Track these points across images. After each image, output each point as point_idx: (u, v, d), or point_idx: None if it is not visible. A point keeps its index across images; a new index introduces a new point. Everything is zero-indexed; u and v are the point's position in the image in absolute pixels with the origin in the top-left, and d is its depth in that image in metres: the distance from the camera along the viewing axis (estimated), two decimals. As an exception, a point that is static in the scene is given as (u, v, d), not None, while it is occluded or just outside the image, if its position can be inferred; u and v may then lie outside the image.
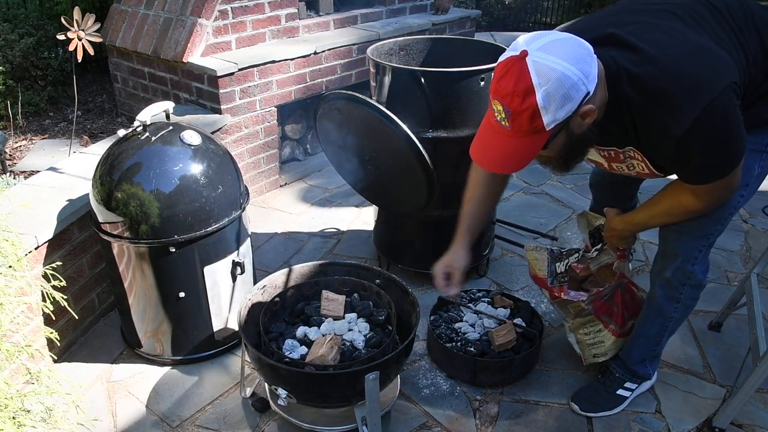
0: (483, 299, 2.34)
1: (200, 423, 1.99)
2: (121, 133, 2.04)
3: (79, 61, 2.66)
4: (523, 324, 2.24)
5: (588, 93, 1.28)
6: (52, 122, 3.71)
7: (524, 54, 1.25)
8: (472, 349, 2.14)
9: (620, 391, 2.04)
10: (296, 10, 3.50)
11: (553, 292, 2.09)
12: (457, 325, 2.27)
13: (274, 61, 3.23)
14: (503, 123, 1.31)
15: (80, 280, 2.29)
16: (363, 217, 3.24)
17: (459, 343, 2.18)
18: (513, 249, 2.92)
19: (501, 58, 1.31)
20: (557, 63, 1.24)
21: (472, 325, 2.27)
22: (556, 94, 1.24)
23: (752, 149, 1.55)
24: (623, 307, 2.00)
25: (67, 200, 2.22)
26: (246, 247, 2.23)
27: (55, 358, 2.14)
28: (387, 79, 2.31)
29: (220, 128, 3.09)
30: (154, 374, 2.19)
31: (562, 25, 1.50)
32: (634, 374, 2.03)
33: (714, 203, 1.55)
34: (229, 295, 2.19)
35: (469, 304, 2.35)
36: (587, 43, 1.31)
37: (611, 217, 1.90)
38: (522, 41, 1.30)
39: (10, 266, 1.62)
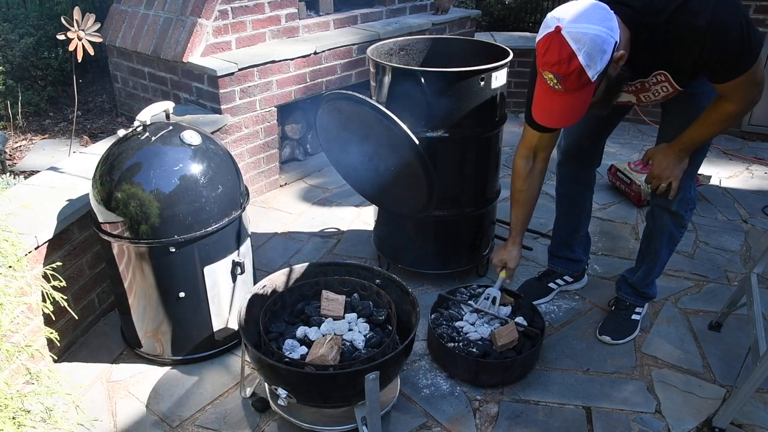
0: (484, 298, 2.34)
1: (200, 423, 1.99)
2: (121, 133, 2.04)
3: (79, 61, 2.66)
4: (525, 323, 2.24)
5: (616, 42, 1.54)
6: (52, 122, 3.71)
7: (558, 28, 1.51)
8: (474, 349, 2.13)
9: (634, 316, 2.40)
10: (296, 10, 3.50)
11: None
12: (458, 324, 2.27)
13: (274, 61, 3.23)
14: (556, 87, 1.59)
15: (80, 280, 2.29)
16: (363, 217, 3.24)
17: (461, 344, 2.17)
18: (513, 249, 2.92)
19: (538, 37, 1.57)
20: (587, 27, 1.50)
21: (473, 324, 2.27)
22: (594, 52, 1.51)
23: None
24: None
25: (67, 200, 2.22)
26: (246, 247, 2.23)
27: (55, 358, 2.14)
28: (387, 79, 2.31)
29: (220, 128, 3.09)
30: (154, 374, 2.19)
31: None
32: (645, 296, 2.40)
33: (748, 102, 1.77)
34: (229, 295, 2.19)
35: (470, 302, 2.34)
36: (602, 3, 1.58)
37: (656, 152, 2.05)
38: (552, 18, 1.54)
39: (10, 266, 1.62)
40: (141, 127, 2.01)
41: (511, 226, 2.27)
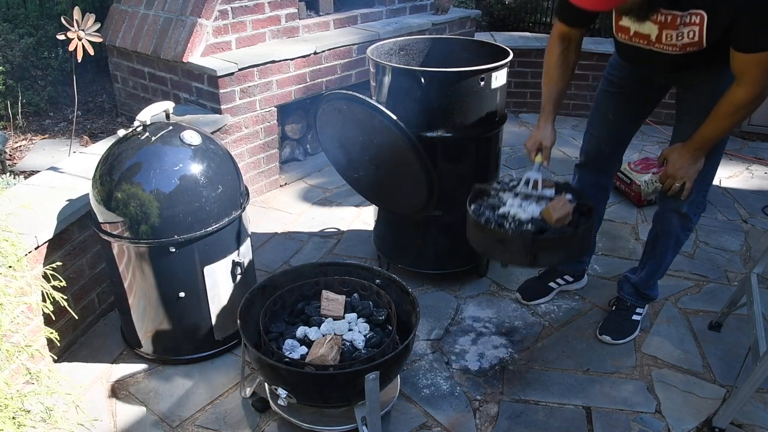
0: (524, 183, 2.12)
1: (200, 423, 1.99)
2: (121, 133, 2.04)
3: (79, 61, 2.66)
4: (575, 199, 2.05)
5: None
6: (52, 122, 3.71)
7: None
8: (529, 226, 1.92)
9: (634, 317, 2.40)
10: (296, 10, 3.50)
11: None
12: (502, 210, 2.04)
13: (274, 61, 3.23)
14: None
15: (80, 280, 2.29)
16: (363, 217, 3.24)
17: (512, 225, 1.95)
18: (513, 249, 2.92)
19: None
20: None
21: (520, 206, 2.04)
22: None
23: None
24: None
25: (67, 200, 2.22)
26: (246, 247, 2.23)
27: (55, 358, 2.14)
28: (387, 79, 2.31)
29: (220, 128, 3.09)
30: (154, 374, 2.19)
31: None
32: (646, 298, 2.40)
33: (758, 89, 1.73)
34: (229, 295, 2.19)
35: (511, 190, 2.13)
36: None
37: (671, 152, 2.00)
38: None
39: (10, 266, 1.62)
40: (141, 127, 2.01)
41: (543, 105, 2.15)
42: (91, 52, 2.64)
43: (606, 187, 2.46)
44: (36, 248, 2.02)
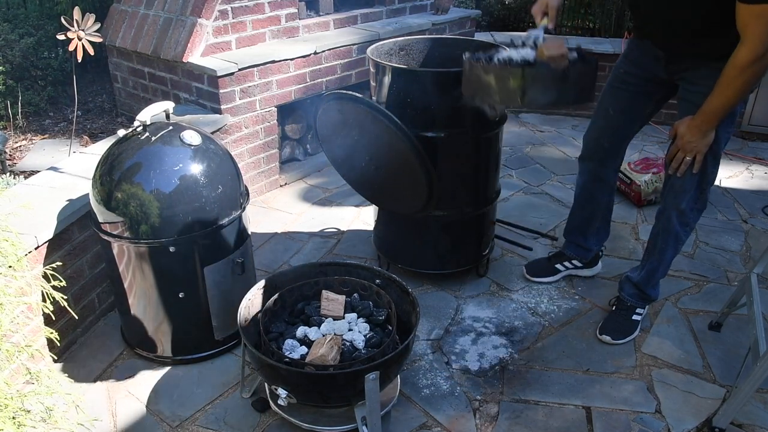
0: (525, 39, 2.00)
1: (200, 423, 1.99)
2: (121, 133, 2.04)
3: (79, 61, 2.66)
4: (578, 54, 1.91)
5: None
6: (52, 122, 3.71)
7: None
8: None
9: (634, 317, 2.40)
10: (296, 10, 3.50)
11: None
12: (496, 56, 1.94)
13: (274, 61, 3.23)
14: None
15: (80, 280, 2.29)
16: (363, 217, 3.24)
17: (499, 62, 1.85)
18: (513, 249, 2.92)
19: None
20: None
21: (516, 51, 1.95)
22: None
23: None
24: None
25: (67, 200, 2.22)
26: (246, 247, 2.23)
27: (55, 358, 2.14)
28: (387, 79, 2.31)
29: (220, 128, 3.09)
30: (154, 374, 2.19)
31: None
32: (646, 298, 2.40)
33: (761, 50, 1.68)
34: (229, 295, 2.19)
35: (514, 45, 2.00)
36: None
37: (680, 125, 1.98)
38: None
39: (10, 266, 1.62)
40: (141, 127, 2.01)
41: None
42: (91, 52, 2.64)
43: (605, 180, 2.47)
44: (36, 248, 2.02)
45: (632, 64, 2.20)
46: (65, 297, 1.76)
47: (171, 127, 2.03)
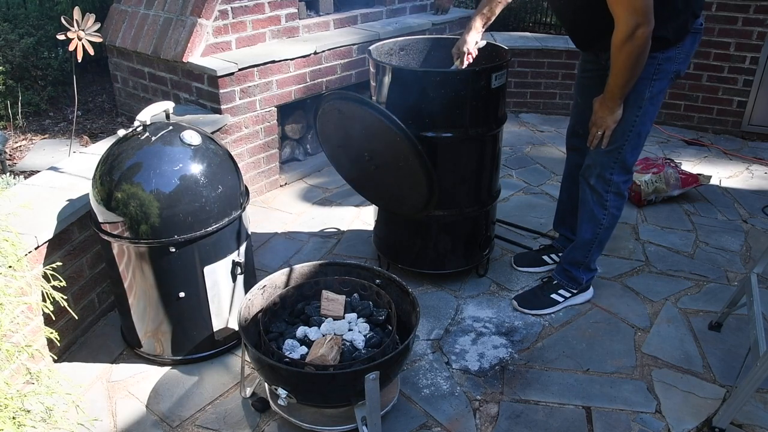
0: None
1: (200, 423, 1.99)
2: (121, 133, 2.04)
3: (79, 61, 2.66)
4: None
5: None
6: (52, 122, 3.71)
7: None
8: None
9: (554, 296, 2.49)
10: (296, 10, 3.50)
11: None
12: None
13: (274, 61, 3.23)
14: None
15: (80, 280, 2.29)
16: (363, 217, 3.24)
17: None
18: (513, 249, 2.92)
19: None
20: None
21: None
22: None
23: (642, 77, 2.01)
24: None
25: (67, 200, 2.22)
26: (246, 247, 2.23)
27: (55, 358, 2.14)
28: (387, 79, 2.31)
29: (220, 128, 3.09)
30: (154, 374, 2.19)
31: None
32: (570, 277, 2.46)
33: (628, 30, 1.85)
34: (229, 295, 2.19)
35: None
36: None
37: (594, 102, 2.16)
38: None
39: (10, 266, 1.62)
40: (141, 127, 2.01)
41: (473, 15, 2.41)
42: (91, 52, 2.64)
43: None
44: (36, 248, 2.02)
45: (588, 54, 2.36)
46: (65, 297, 1.76)
47: (171, 127, 2.03)
